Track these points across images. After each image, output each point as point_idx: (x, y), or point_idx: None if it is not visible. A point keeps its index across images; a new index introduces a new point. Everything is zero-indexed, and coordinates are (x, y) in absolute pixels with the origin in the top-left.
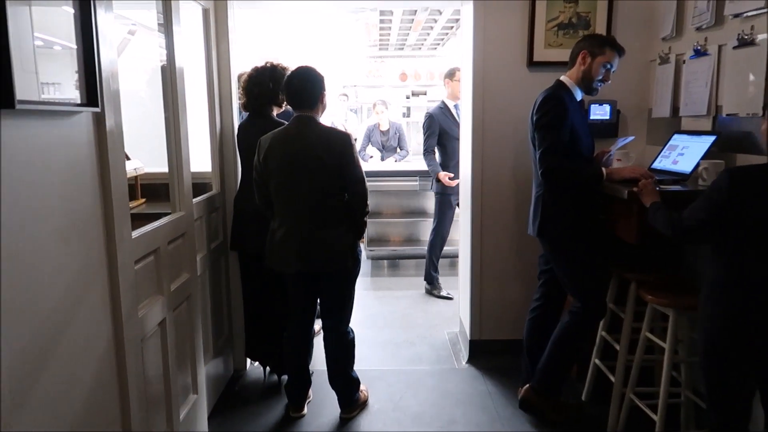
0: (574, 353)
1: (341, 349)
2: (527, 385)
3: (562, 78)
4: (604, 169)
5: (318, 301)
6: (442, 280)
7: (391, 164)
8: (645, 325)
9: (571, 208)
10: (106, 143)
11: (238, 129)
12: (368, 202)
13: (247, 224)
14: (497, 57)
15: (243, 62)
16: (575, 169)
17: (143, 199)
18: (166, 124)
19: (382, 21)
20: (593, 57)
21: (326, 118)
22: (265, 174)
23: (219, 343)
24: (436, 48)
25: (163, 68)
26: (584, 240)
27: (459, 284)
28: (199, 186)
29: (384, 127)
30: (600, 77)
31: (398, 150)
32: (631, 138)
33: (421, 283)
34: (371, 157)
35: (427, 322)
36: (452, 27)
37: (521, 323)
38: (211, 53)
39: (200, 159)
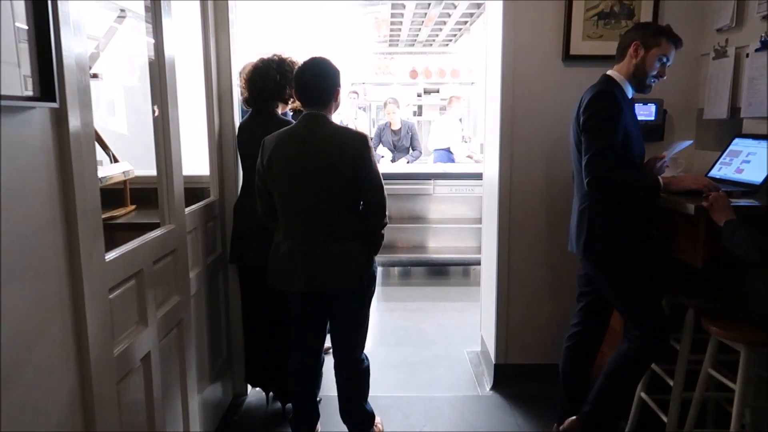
0: (633, 387)
1: (354, 380)
2: (572, 419)
3: (610, 73)
4: (661, 178)
5: (327, 324)
6: (454, 290)
7: (402, 166)
8: (707, 360)
9: (622, 223)
10: (68, 147)
11: (239, 128)
12: (387, 213)
13: (248, 234)
14: (529, 50)
15: (244, 57)
16: (628, 178)
17: (133, 207)
18: (154, 123)
19: (393, 15)
20: (647, 49)
21: (335, 118)
22: (268, 179)
23: (216, 368)
24: (447, 44)
25: (151, 59)
26: (639, 260)
27: (481, 299)
28: (195, 192)
29: (395, 127)
30: (655, 72)
31: (410, 150)
32: (689, 142)
33: (435, 293)
34: (382, 157)
35: (444, 338)
36: (466, 22)
37: (552, 346)
38: (209, 44)
39: (197, 161)
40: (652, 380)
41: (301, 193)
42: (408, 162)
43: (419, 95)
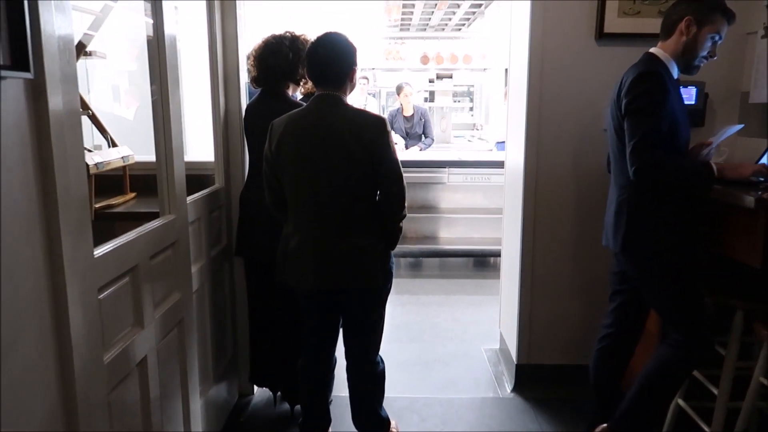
0: (670, 396)
1: (369, 383)
2: (603, 427)
3: (654, 51)
4: (714, 165)
5: (340, 323)
6: (469, 283)
7: (415, 153)
8: (759, 367)
9: (666, 216)
10: (47, 126)
11: (246, 110)
12: (405, 205)
13: (255, 224)
14: (559, 28)
15: (252, 38)
16: (679, 166)
17: (133, 194)
18: (153, 106)
19: None
20: (700, 26)
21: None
22: (277, 167)
23: (221, 367)
24: (460, 29)
25: (149, 38)
26: (684, 257)
27: (501, 293)
28: (200, 179)
29: (408, 113)
30: (705, 52)
31: (423, 138)
32: (739, 126)
33: (449, 286)
34: (395, 144)
35: (459, 334)
36: (480, 5)
37: (578, 347)
38: (214, 22)
39: (203, 147)
40: (691, 386)
41: (312, 182)
42: (420, 149)
43: (431, 81)
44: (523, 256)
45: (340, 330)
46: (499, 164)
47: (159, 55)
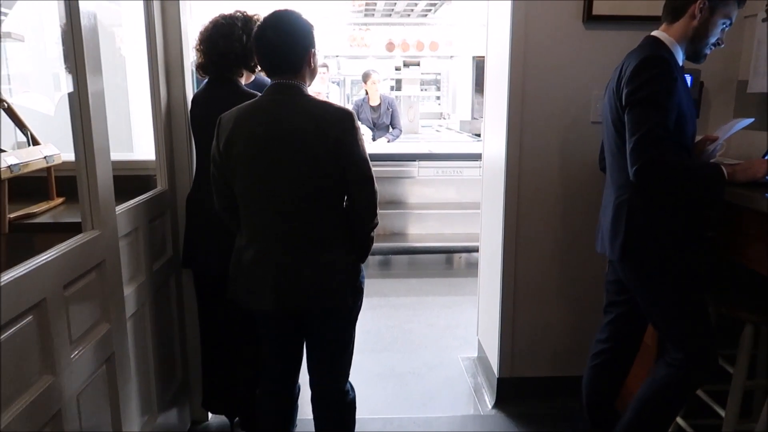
0: (670, 419)
1: (337, 416)
2: None
3: (657, 34)
4: (723, 167)
5: (303, 348)
6: (440, 282)
7: (383, 145)
8: None
9: (671, 221)
10: None
11: (193, 101)
12: (377, 211)
13: (205, 232)
14: (543, 11)
15: (198, 21)
16: (686, 167)
17: (60, 200)
18: (69, 98)
19: None
20: (713, 10)
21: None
22: (226, 169)
23: (170, 392)
24: (426, 15)
25: (61, 19)
26: (690, 267)
27: (479, 298)
28: (144, 181)
29: (375, 102)
30: (715, 38)
31: (391, 129)
32: (748, 121)
33: (420, 286)
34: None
35: (434, 341)
36: None
37: (566, 357)
38: (151, 2)
39: (144, 143)
40: (692, 402)
41: (268, 186)
42: (388, 141)
43: (398, 69)
44: (505, 258)
45: (304, 355)
46: (472, 157)
47: (73, 38)
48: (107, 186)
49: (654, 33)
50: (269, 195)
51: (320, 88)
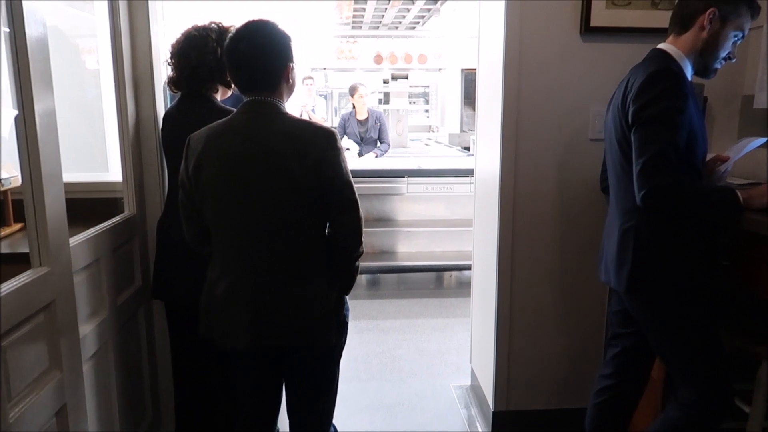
0: None
1: None
2: None
3: (664, 47)
4: (739, 192)
5: (282, 387)
6: (431, 303)
7: (371, 161)
8: None
9: (683, 249)
10: None
11: (164, 119)
12: (362, 239)
13: (176, 260)
14: (539, 21)
15: (173, 34)
16: (698, 193)
17: (18, 226)
18: (15, 122)
19: None
20: (724, 21)
21: (290, 106)
22: (196, 193)
23: None
24: (414, 27)
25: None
26: (702, 298)
27: (471, 323)
28: (108, 204)
29: (362, 116)
30: (726, 52)
31: (378, 143)
32: (762, 140)
33: (410, 307)
34: (347, 150)
35: (425, 368)
36: (436, 1)
37: (565, 389)
38: (117, 12)
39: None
40: None
41: (243, 213)
42: (376, 156)
43: (386, 82)
44: (500, 282)
45: (283, 396)
46: (463, 172)
47: (17, 50)
48: (58, 217)
49: (661, 45)
50: (243, 223)
51: (306, 101)
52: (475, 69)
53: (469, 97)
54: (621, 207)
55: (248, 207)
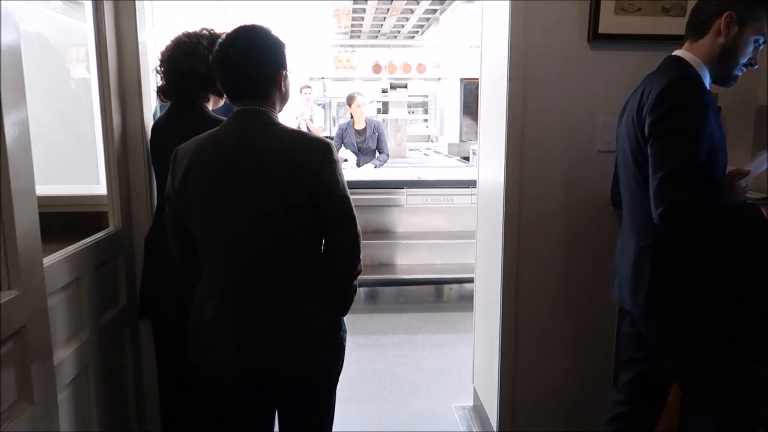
0: None
1: None
2: None
3: (680, 54)
4: (763, 211)
5: (275, 417)
6: (431, 317)
7: (369, 171)
8: None
9: (704, 269)
10: None
11: (153, 129)
12: (361, 257)
13: (165, 277)
14: (545, 28)
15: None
16: (720, 209)
17: None
18: None
19: (356, 2)
20: (742, 25)
21: (288, 115)
22: (183, 209)
23: None
24: (413, 37)
25: None
26: (724, 322)
27: (474, 340)
28: (93, 218)
29: (360, 126)
30: (746, 58)
31: (377, 153)
32: None
33: (409, 321)
34: (345, 161)
35: (425, 388)
36: (435, 10)
37: (574, 411)
38: (102, 15)
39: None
40: None
41: (232, 230)
42: (375, 167)
43: (384, 91)
44: (505, 302)
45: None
46: (463, 183)
47: None
48: (31, 235)
49: (677, 52)
50: (233, 240)
51: (304, 110)
52: (474, 79)
53: (469, 107)
54: (636, 224)
55: (237, 223)
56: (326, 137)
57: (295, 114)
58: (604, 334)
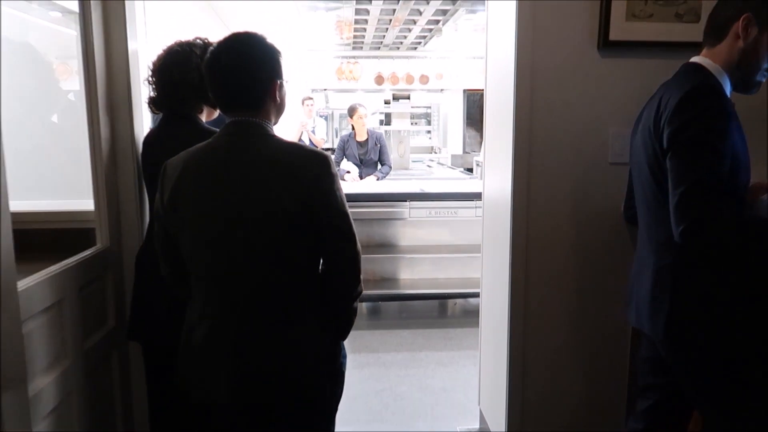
0: None
1: None
2: None
3: (699, 60)
4: None
5: None
6: (433, 333)
7: (371, 184)
8: None
9: (729, 290)
10: None
11: (145, 141)
12: (361, 276)
13: (157, 296)
14: (552, 35)
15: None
16: (746, 223)
17: None
18: None
19: (357, 12)
20: (763, 27)
21: (286, 127)
22: (172, 226)
23: None
24: (416, 48)
25: None
26: (751, 347)
27: (479, 359)
28: (76, 236)
29: (361, 137)
30: None
31: (379, 165)
32: None
33: (413, 338)
34: (348, 172)
35: (429, 408)
36: (438, 21)
37: None
38: (89, 19)
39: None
40: None
41: (224, 249)
42: (377, 179)
43: (387, 102)
44: (513, 321)
45: None
46: (467, 196)
47: None
48: (4, 257)
49: (695, 59)
50: (224, 259)
51: (306, 122)
52: (477, 90)
53: (472, 118)
54: (654, 242)
55: (229, 241)
56: (328, 149)
57: (297, 125)
58: (618, 356)
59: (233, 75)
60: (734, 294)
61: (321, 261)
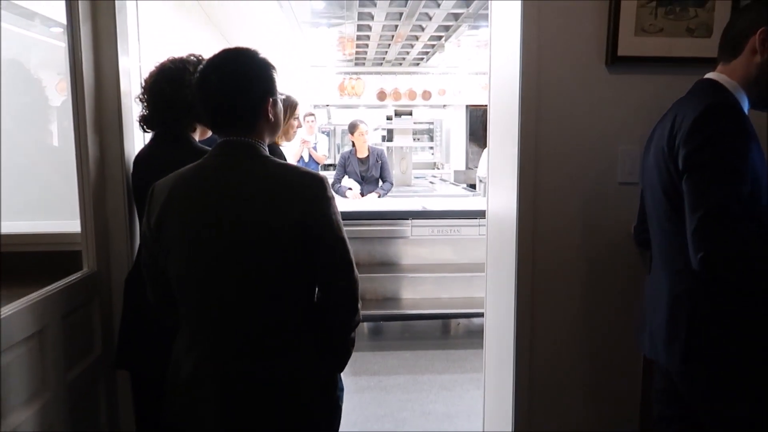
0: None
1: None
2: None
3: (714, 77)
4: None
5: None
6: (436, 354)
7: (373, 201)
8: None
9: (750, 319)
10: None
11: (136, 161)
12: (359, 306)
13: (146, 323)
14: (559, 51)
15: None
16: None
17: None
18: None
19: (359, 29)
20: None
21: (293, 142)
22: (159, 252)
23: None
24: (418, 64)
25: None
26: None
27: (484, 384)
28: (62, 259)
29: (362, 154)
30: None
31: (381, 182)
32: None
33: (415, 360)
34: (349, 189)
35: None
36: (440, 37)
37: None
38: (77, 33)
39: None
40: None
41: (213, 275)
42: (379, 196)
43: (389, 118)
44: (518, 347)
45: None
46: (471, 214)
47: None
48: None
49: (710, 75)
50: (213, 287)
51: (308, 138)
52: (480, 106)
53: (475, 134)
54: (669, 267)
55: (219, 268)
56: (330, 165)
57: (298, 142)
58: (630, 383)
59: (222, 94)
60: (755, 323)
61: (316, 289)
